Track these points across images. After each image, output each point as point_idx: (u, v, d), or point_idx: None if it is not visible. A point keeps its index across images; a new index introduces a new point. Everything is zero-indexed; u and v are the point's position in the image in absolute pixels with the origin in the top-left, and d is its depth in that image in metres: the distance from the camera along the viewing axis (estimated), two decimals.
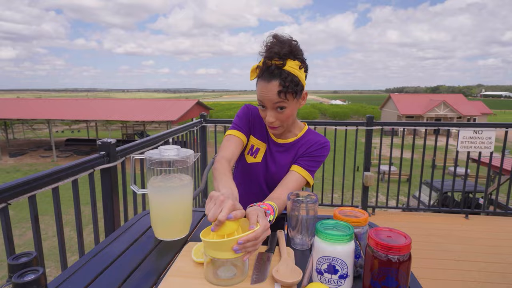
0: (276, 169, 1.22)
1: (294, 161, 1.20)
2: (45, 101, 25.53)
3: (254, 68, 1.07)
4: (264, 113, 1.11)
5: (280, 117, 1.09)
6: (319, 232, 0.68)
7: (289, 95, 1.04)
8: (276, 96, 1.04)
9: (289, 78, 1.02)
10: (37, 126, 35.38)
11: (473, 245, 2.77)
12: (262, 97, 1.07)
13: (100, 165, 1.63)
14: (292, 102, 1.08)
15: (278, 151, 1.23)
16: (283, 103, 1.06)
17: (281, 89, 1.02)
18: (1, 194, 1.10)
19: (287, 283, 0.68)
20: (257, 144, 1.25)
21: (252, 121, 1.25)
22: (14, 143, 25.96)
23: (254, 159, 1.24)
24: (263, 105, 1.09)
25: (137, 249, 0.90)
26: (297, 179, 1.13)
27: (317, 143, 1.20)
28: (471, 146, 3.25)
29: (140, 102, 24.20)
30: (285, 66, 1.02)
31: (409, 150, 13.24)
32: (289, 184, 1.11)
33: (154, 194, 0.92)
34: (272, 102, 1.06)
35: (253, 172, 1.25)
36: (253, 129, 1.26)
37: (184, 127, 3.00)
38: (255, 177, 1.25)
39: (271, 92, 1.04)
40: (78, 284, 0.73)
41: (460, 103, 35.06)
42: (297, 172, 1.15)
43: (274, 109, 1.08)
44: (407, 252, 0.63)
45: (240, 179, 1.30)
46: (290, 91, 1.03)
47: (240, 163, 1.29)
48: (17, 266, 0.53)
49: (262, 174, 1.24)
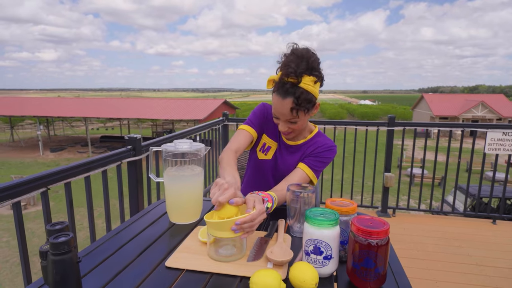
0: (284, 168, 1.30)
1: (301, 159, 1.28)
2: (83, 100, 27.17)
3: (270, 80, 1.13)
4: (277, 121, 1.20)
5: (292, 127, 1.18)
6: (308, 217, 0.76)
7: (300, 112, 1.11)
8: (289, 112, 1.10)
9: (303, 97, 1.07)
10: (75, 124, 37.69)
11: (497, 250, 2.67)
12: (276, 110, 1.15)
13: (127, 158, 1.80)
14: (304, 117, 1.15)
15: (287, 152, 1.31)
16: (295, 119, 1.14)
17: (293, 106, 1.08)
18: (42, 179, 1.27)
19: (277, 261, 0.77)
20: (269, 143, 1.33)
21: (266, 119, 1.33)
22: (55, 139, 27.88)
23: (265, 156, 1.32)
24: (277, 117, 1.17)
25: (152, 230, 1.02)
26: (300, 175, 1.20)
27: (325, 145, 1.26)
28: (500, 148, 3.12)
29: (170, 101, 25.06)
30: (300, 84, 1.06)
31: (441, 153, 12.65)
32: (292, 180, 1.19)
33: (169, 182, 1.03)
34: (285, 118, 1.14)
35: (263, 168, 1.34)
36: (266, 127, 1.34)
37: (206, 125, 3.14)
38: (265, 173, 1.33)
39: (285, 108, 1.10)
40: (103, 254, 0.86)
41: (501, 103, 32.84)
42: (301, 169, 1.22)
43: (287, 122, 1.16)
44: (385, 237, 0.69)
45: (251, 174, 1.39)
46: (302, 109, 1.10)
47: (252, 158, 1.38)
48: (53, 231, 0.66)
49: (271, 171, 1.33)
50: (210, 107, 22.09)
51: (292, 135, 1.24)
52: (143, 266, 0.81)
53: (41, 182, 1.26)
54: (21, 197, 1.19)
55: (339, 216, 0.75)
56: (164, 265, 0.81)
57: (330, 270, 0.75)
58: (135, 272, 0.78)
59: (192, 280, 0.75)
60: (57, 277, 0.62)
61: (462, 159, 3.44)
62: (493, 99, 33.90)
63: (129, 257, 0.85)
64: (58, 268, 0.61)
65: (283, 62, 1.09)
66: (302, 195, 0.93)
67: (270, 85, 1.14)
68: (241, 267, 0.78)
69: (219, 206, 0.80)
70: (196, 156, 1.04)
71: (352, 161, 3.39)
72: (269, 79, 1.13)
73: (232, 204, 0.81)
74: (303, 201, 0.94)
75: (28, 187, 1.21)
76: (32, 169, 17.89)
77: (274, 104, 1.15)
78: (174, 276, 0.77)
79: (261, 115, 1.32)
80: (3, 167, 18.52)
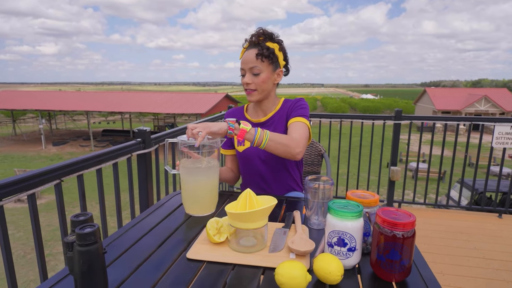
0: None
1: (278, 128, 1.33)
2: (84, 94, 27.12)
3: (244, 46, 1.31)
4: (243, 79, 1.29)
5: (255, 81, 1.27)
6: (331, 209, 0.75)
7: (265, 60, 1.25)
8: (254, 58, 1.24)
9: (266, 47, 1.25)
10: (76, 117, 37.70)
11: (504, 244, 2.67)
12: (242, 61, 1.28)
13: (137, 150, 1.79)
14: (267, 69, 1.27)
15: (265, 128, 1.31)
16: (258, 68, 1.25)
17: (258, 53, 1.24)
18: (55, 171, 1.27)
19: (301, 252, 0.76)
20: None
21: None
22: (57, 133, 27.91)
23: (243, 146, 1.38)
24: (243, 71, 1.29)
25: (169, 222, 1.02)
26: (296, 125, 1.25)
27: (294, 101, 1.35)
28: (508, 142, 3.10)
29: (171, 95, 24.99)
30: (265, 42, 1.26)
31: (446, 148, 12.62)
32: (292, 134, 1.21)
33: (185, 174, 1.03)
34: (249, 65, 1.25)
35: (248, 158, 1.37)
36: None
37: (211, 119, 3.13)
38: (252, 161, 1.37)
39: (250, 56, 1.25)
40: (123, 245, 0.86)
41: (504, 98, 32.63)
42: (293, 122, 1.27)
43: (251, 73, 1.27)
44: (411, 229, 0.68)
45: (243, 169, 1.43)
46: (265, 54, 1.24)
47: (239, 158, 1.42)
48: (78, 222, 0.66)
49: (256, 156, 1.35)
50: (212, 101, 22.03)
51: (256, 95, 1.29)
52: (164, 257, 0.81)
53: (55, 174, 1.26)
54: (36, 189, 1.19)
55: (363, 208, 0.75)
56: (185, 256, 0.80)
57: (353, 262, 0.75)
58: (156, 264, 0.78)
59: (214, 272, 0.75)
60: (84, 268, 0.62)
61: (462, 153, 3.43)
62: (496, 93, 33.68)
63: (149, 248, 0.85)
64: (85, 258, 0.61)
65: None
66: (321, 187, 0.93)
67: (241, 55, 1.32)
68: (264, 258, 0.78)
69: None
70: (212, 149, 1.04)
71: (355, 155, 3.38)
72: (243, 47, 1.32)
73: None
74: (322, 193, 0.94)
75: (42, 179, 1.21)
76: (35, 163, 17.95)
77: (242, 58, 1.29)
78: (195, 267, 0.76)
79: None
80: (6, 160, 18.58)
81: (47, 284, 0.69)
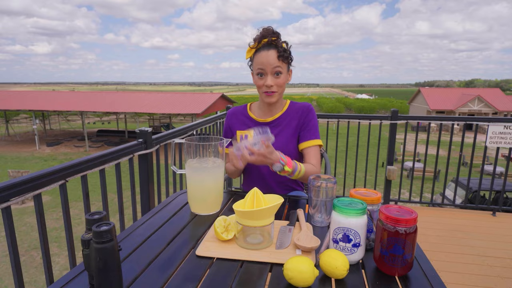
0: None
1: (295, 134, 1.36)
2: (78, 94, 26.91)
3: (249, 49, 1.30)
4: (262, 80, 1.29)
5: (277, 82, 1.28)
6: (336, 206, 0.78)
7: (285, 61, 1.27)
8: (276, 60, 1.25)
9: (283, 48, 1.27)
10: (71, 118, 37.39)
11: (498, 241, 2.73)
12: (263, 63, 1.26)
13: (139, 151, 1.81)
14: (285, 70, 1.29)
15: (271, 129, 1.36)
16: (280, 69, 1.26)
17: (279, 54, 1.25)
18: (60, 172, 1.28)
19: (307, 248, 0.79)
20: (245, 133, 1.41)
21: (230, 124, 1.46)
22: (51, 133, 27.66)
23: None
24: (263, 72, 1.28)
25: (176, 221, 1.04)
26: (314, 150, 1.33)
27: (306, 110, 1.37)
28: (501, 141, 3.17)
29: (167, 95, 24.92)
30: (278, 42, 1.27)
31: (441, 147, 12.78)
32: (310, 160, 1.30)
33: (191, 173, 1.05)
34: (272, 67, 1.26)
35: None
36: (233, 127, 1.44)
37: (210, 119, 3.15)
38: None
39: (271, 58, 1.25)
40: (133, 243, 0.88)
41: (497, 97, 33.07)
42: (307, 147, 1.33)
43: (273, 74, 1.27)
44: (413, 225, 0.72)
45: (246, 170, 1.45)
46: (286, 56, 1.27)
47: None
48: (93, 220, 0.68)
49: None
50: (207, 101, 22.01)
51: (276, 96, 1.31)
52: (173, 255, 0.83)
53: (60, 174, 1.28)
54: (42, 189, 1.20)
55: (366, 205, 0.78)
56: (195, 254, 0.83)
57: (358, 257, 0.78)
58: (166, 261, 0.80)
59: (223, 268, 0.77)
60: (100, 265, 0.64)
61: (458, 153, 3.48)
62: (489, 93, 34.12)
63: (158, 246, 0.87)
64: (101, 255, 0.63)
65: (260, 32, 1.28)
66: (325, 185, 0.96)
67: (249, 54, 1.32)
68: (271, 254, 0.81)
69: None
70: (217, 148, 1.06)
71: (351, 155, 3.43)
72: (248, 49, 1.31)
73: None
74: (325, 191, 0.97)
75: (48, 179, 1.22)
76: (29, 164, 17.77)
77: (259, 60, 1.27)
78: (205, 264, 0.79)
79: (226, 126, 1.48)
80: (0, 161, 18.38)
81: (64, 280, 0.71)
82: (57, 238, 8.38)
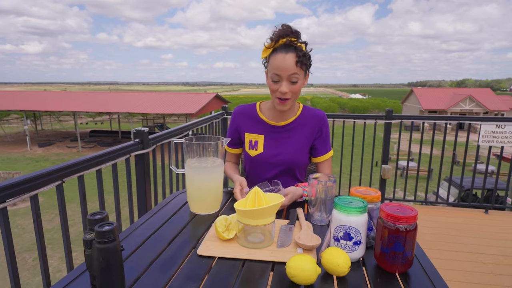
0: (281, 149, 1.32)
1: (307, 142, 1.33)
2: (71, 94, 26.59)
3: (264, 49, 1.19)
4: (276, 86, 1.19)
5: (292, 89, 1.18)
6: (337, 205, 0.79)
7: (303, 67, 1.16)
8: (294, 66, 1.14)
9: (303, 52, 1.15)
10: (63, 118, 36.92)
11: (491, 239, 2.78)
12: (280, 67, 1.15)
13: (135, 151, 1.80)
14: (302, 77, 1.19)
15: (282, 133, 1.33)
16: (297, 76, 1.16)
17: (297, 59, 1.13)
18: (57, 172, 1.27)
19: (308, 246, 0.80)
20: (255, 138, 1.35)
21: (238, 124, 1.39)
22: (42, 134, 27.29)
23: (256, 151, 1.34)
24: (278, 77, 1.17)
25: (176, 221, 1.04)
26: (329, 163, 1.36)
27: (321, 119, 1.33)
28: (493, 140, 3.22)
29: (161, 95, 24.76)
30: (298, 44, 1.16)
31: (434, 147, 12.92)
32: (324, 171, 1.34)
33: (191, 173, 1.05)
34: (288, 73, 1.15)
35: (259, 162, 1.35)
36: (242, 127, 1.38)
37: (206, 119, 3.14)
38: (262, 165, 1.35)
39: (288, 62, 1.14)
40: (133, 243, 0.87)
41: (487, 97, 33.58)
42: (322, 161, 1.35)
43: (288, 81, 1.17)
44: (413, 222, 0.73)
45: (250, 171, 1.42)
46: (305, 62, 1.15)
47: (246, 158, 1.41)
48: (95, 220, 0.67)
49: (267, 161, 1.34)
50: (202, 101, 21.92)
51: (290, 103, 1.23)
52: (175, 254, 0.83)
53: (56, 175, 1.26)
54: (39, 190, 1.19)
55: (367, 204, 0.79)
56: (196, 253, 0.83)
57: (359, 255, 0.78)
58: (168, 261, 0.80)
59: (226, 267, 0.77)
60: (103, 265, 0.63)
61: (450, 151, 3.53)
62: (480, 93, 34.63)
63: (159, 246, 0.87)
64: (104, 255, 0.63)
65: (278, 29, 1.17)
66: (324, 184, 0.96)
67: (265, 54, 1.21)
68: (272, 253, 0.81)
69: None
70: (216, 148, 1.06)
71: (346, 154, 3.45)
72: (264, 48, 1.20)
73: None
74: (324, 190, 0.97)
75: (44, 180, 1.21)
76: (20, 164, 17.51)
77: (276, 63, 1.16)
78: (207, 263, 0.79)
79: (233, 126, 1.41)
80: None
81: (65, 281, 0.70)
82: (50, 240, 8.28)
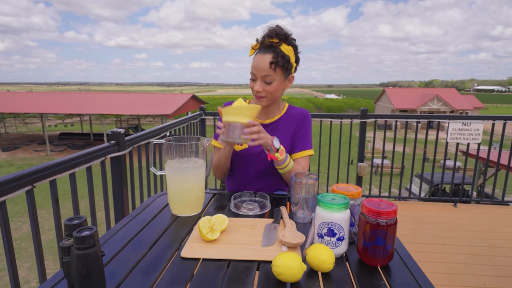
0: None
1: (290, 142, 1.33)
2: (37, 95, 25.26)
3: (251, 48, 1.22)
4: (252, 84, 1.23)
5: (267, 89, 1.21)
6: (321, 202, 0.80)
7: (278, 69, 1.17)
8: (267, 67, 1.16)
9: (281, 54, 1.17)
10: (29, 120, 34.98)
11: (459, 231, 2.93)
12: (255, 67, 1.19)
13: (111, 153, 1.73)
14: (280, 78, 1.20)
15: (268, 130, 1.31)
16: (271, 77, 1.18)
17: (273, 60, 1.16)
18: (27, 177, 1.20)
19: (293, 244, 0.81)
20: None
21: None
22: (7, 137, 25.69)
23: (241, 146, 1.34)
24: (254, 76, 1.21)
25: (157, 223, 1.01)
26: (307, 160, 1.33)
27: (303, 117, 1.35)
28: (460, 137, 3.41)
29: (135, 96, 24.08)
30: (280, 46, 1.17)
31: (403, 144, 13.45)
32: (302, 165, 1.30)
33: (172, 174, 1.03)
34: (262, 73, 1.18)
35: (244, 158, 1.35)
36: None
37: (184, 119, 3.09)
38: (246, 160, 1.35)
39: (263, 62, 1.17)
40: (115, 247, 0.84)
41: (453, 97, 35.49)
42: (298, 158, 1.31)
43: (262, 81, 1.20)
44: (394, 217, 0.75)
45: (233, 167, 1.40)
46: (280, 64, 1.16)
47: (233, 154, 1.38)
48: (73, 226, 0.64)
49: (250, 157, 1.34)
50: (178, 102, 21.55)
51: (265, 101, 1.25)
52: (158, 258, 0.81)
53: (26, 180, 1.19)
54: (6, 197, 1.12)
55: (349, 200, 0.80)
56: (180, 255, 0.81)
57: (342, 250, 0.80)
58: (151, 265, 0.78)
59: (211, 268, 0.76)
60: (83, 271, 0.61)
61: (420, 149, 3.70)
62: (447, 92, 36.53)
63: (140, 250, 0.85)
64: (84, 262, 0.60)
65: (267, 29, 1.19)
66: (305, 182, 0.98)
67: (251, 53, 1.24)
68: (258, 252, 0.81)
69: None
70: (198, 148, 1.05)
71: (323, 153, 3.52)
72: (252, 45, 1.23)
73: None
74: (306, 188, 0.99)
75: (13, 185, 1.14)
76: None
77: (254, 62, 1.20)
78: (191, 265, 0.78)
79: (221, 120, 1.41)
80: None
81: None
82: (16, 249, 7.82)
